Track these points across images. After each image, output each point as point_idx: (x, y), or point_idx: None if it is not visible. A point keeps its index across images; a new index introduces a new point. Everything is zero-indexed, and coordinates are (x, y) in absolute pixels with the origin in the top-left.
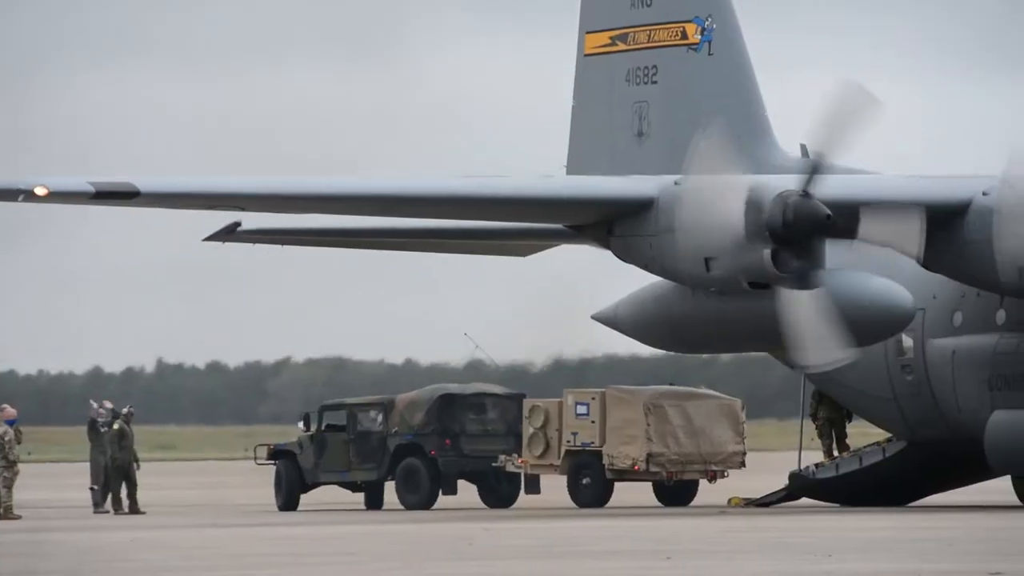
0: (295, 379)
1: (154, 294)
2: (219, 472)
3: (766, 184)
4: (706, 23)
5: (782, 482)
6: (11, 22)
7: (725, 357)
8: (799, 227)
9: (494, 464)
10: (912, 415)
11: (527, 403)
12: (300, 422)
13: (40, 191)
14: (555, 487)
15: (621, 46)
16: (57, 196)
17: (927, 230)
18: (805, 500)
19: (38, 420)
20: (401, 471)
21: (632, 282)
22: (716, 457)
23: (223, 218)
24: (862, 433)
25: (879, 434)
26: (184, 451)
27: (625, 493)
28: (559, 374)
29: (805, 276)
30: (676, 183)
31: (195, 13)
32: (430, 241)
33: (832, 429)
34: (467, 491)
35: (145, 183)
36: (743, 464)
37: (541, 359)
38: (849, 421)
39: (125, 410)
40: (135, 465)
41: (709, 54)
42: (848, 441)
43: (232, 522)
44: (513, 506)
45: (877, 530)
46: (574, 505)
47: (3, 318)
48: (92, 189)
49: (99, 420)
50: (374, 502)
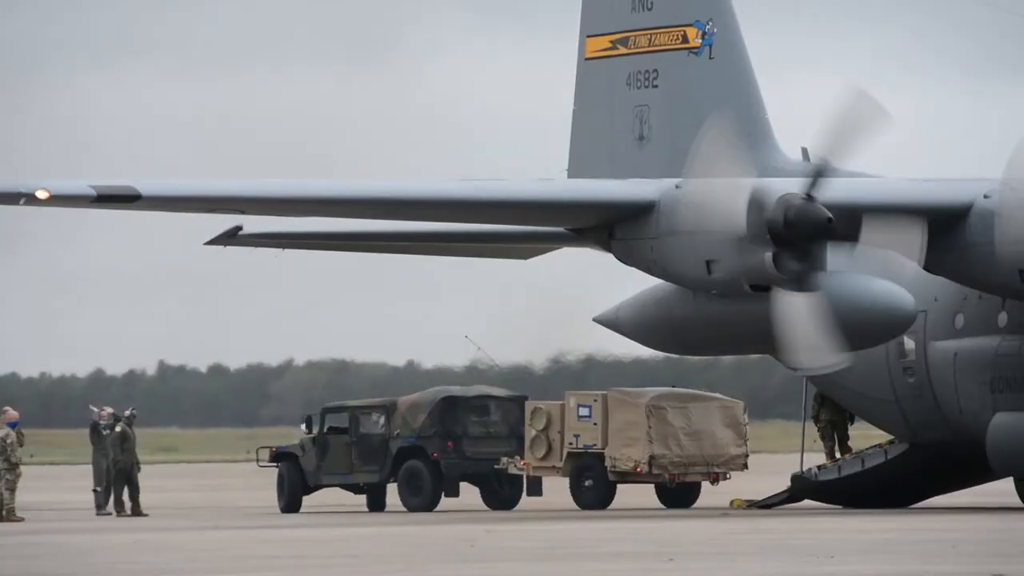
0: (297, 382)
1: (156, 297)
2: (221, 474)
3: (768, 187)
4: (707, 27)
5: (784, 484)
6: (10, 23)
7: (727, 359)
8: (800, 230)
9: (496, 466)
10: (914, 417)
11: (529, 405)
12: (302, 424)
13: (41, 195)
14: (557, 489)
15: (622, 50)
16: (58, 200)
17: (928, 233)
18: (807, 502)
19: (40, 422)
20: (403, 473)
21: (633, 285)
22: (718, 459)
23: (225, 221)
24: (864, 435)
25: (881, 436)
26: (186, 453)
27: (627, 495)
28: (561, 376)
29: (803, 279)
30: (677, 186)
31: (195, 15)
32: (431, 244)
33: (834, 431)
34: (469, 493)
35: (146, 186)
36: (745, 466)
37: (543, 361)
38: (851, 423)
39: (127, 413)
40: (137, 467)
41: (710, 58)
42: (850, 443)
43: (234, 524)
44: (515, 508)
45: (879, 532)
46: (576, 507)
47: (5, 321)
48: (93, 192)
49: (101, 423)
50: (376, 504)
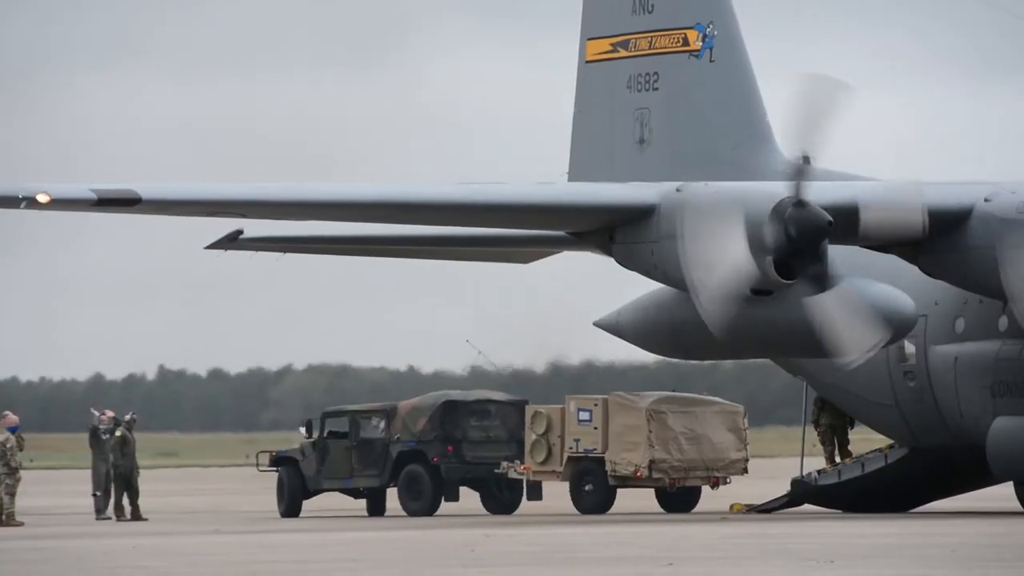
0: (297, 386)
1: (156, 301)
2: (221, 479)
3: (767, 191)
4: (707, 30)
5: (784, 488)
6: (10, 25)
7: (727, 364)
8: (802, 234)
9: (496, 471)
10: (914, 421)
11: (529, 410)
12: (302, 429)
13: (42, 198)
14: (557, 494)
15: (622, 53)
16: (59, 203)
17: (928, 235)
18: (807, 506)
19: (40, 427)
20: (403, 478)
21: (634, 289)
22: (718, 463)
23: (225, 225)
24: (864, 439)
25: (881, 440)
26: (186, 458)
27: (627, 499)
28: (561, 380)
29: (818, 278)
30: (678, 190)
31: (195, 18)
32: (432, 248)
33: (834, 435)
34: (469, 498)
35: (147, 190)
36: (745, 470)
37: (543, 365)
38: (851, 427)
39: (127, 417)
40: (135, 472)
41: (710, 61)
42: (850, 447)
43: (234, 529)
44: (515, 513)
45: (879, 536)
46: (576, 512)
47: (5, 325)
48: (94, 196)
49: (101, 427)
50: (376, 509)
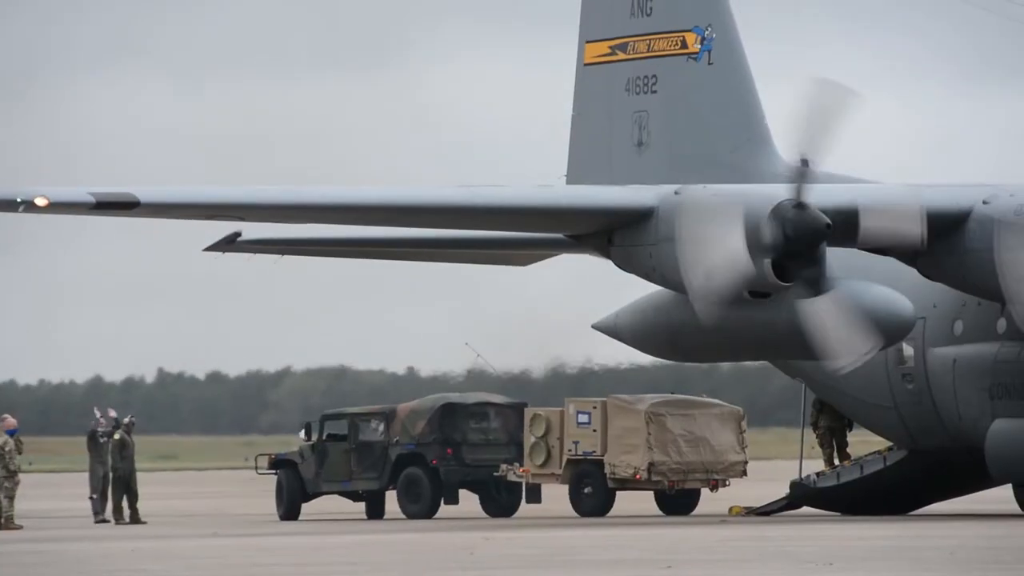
0: (296, 389)
1: (154, 304)
2: (220, 482)
3: (766, 193)
4: (706, 32)
5: (783, 491)
6: (9, 28)
7: (726, 366)
8: (800, 237)
9: (495, 473)
10: (913, 424)
11: (528, 412)
12: (301, 431)
13: (40, 201)
14: (556, 496)
15: (621, 55)
16: (57, 207)
17: (928, 239)
18: (806, 509)
19: (39, 430)
20: (402, 480)
21: (632, 291)
22: (718, 466)
23: (223, 228)
24: (863, 442)
25: (880, 443)
26: (185, 461)
27: (627, 502)
28: (560, 383)
29: (815, 282)
30: (676, 192)
31: (195, 21)
32: (430, 251)
33: (833, 438)
34: (469, 500)
35: (145, 193)
36: (744, 473)
37: (542, 368)
38: (850, 430)
39: (126, 420)
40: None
41: (709, 63)
42: (849, 450)
43: (233, 532)
44: (514, 515)
45: (878, 539)
46: (575, 514)
47: (3, 328)
48: (92, 199)
49: (99, 430)
50: (375, 511)
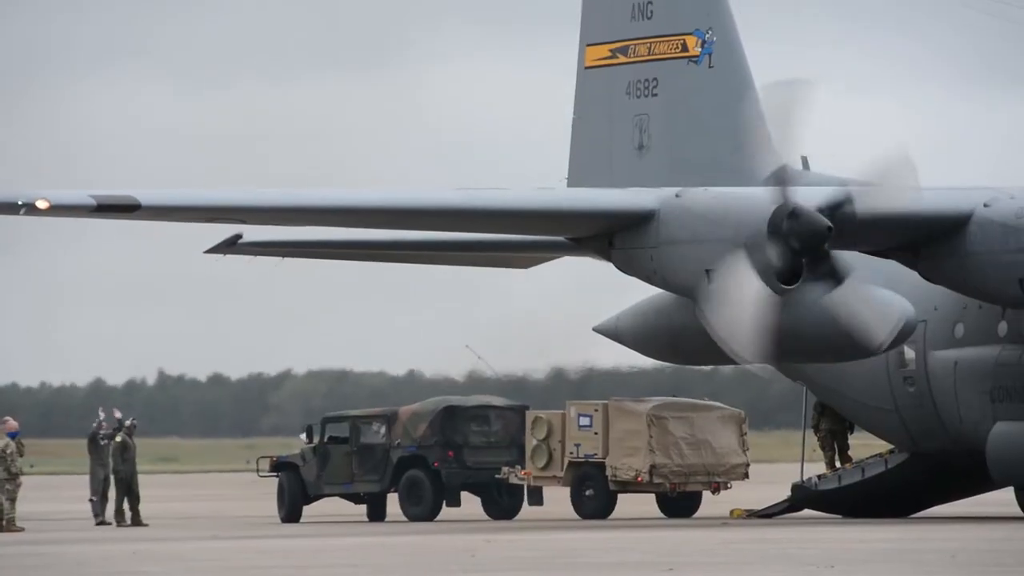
0: (297, 391)
1: (155, 306)
2: (221, 484)
3: (767, 196)
4: (706, 35)
5: (784, 493)
6: (8, 28)
7: (727, 369)
8: (801, 239)
9: (497, 476)
10: (914, 426)
11: (530, 415)
12: (302, 434)
13: (41, 204)
14: (558, 499)
15: (621, 59)
16: (58, 209)
17: (927, 242)
18: (807, 511)
19: (40, 433)
20: (404, 483)
21: (633, 294)
22: (719, 468)
23: (224, 230)
24: (864, 444)
25: (881, 445)
26: (186, 463)
27: (628, 505)
28: (561, 386)
29: (818, 283)
30: (677, 195)
31: (195, 21)
32: (432, 253)
33: (834, 440)
34: (470, 503)
35: (146, 196)
36: (746, 475)
37: (543, 371)
38: (851, 432)
39: (128, 422)
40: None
41: (710, 66)
42: (850, 452)
43: (234, 534)
44: (516, 518)
45: (879, 541)
46: (577, 517)
47: (5, 330)
48: (93, 202)
49: (100, 433)
50: (377, 514)
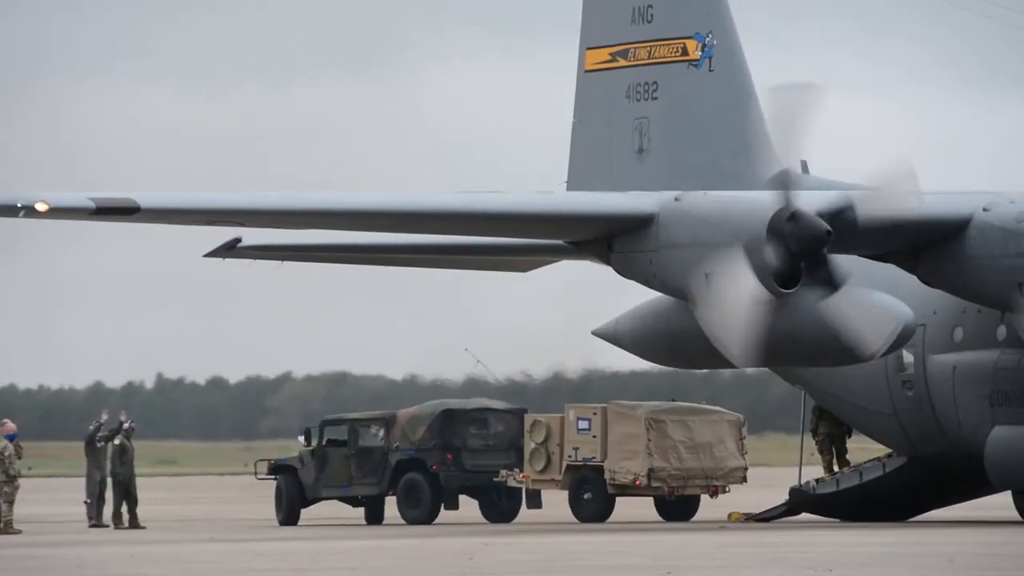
0: (295, 394)
1: (154, 309)
2: (219, 487)
3: (766, 199)
4: (707, 39)
5: (782, 497)
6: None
7: (725, 372)
8: (800, 243)
9: (495, 479)
10: (913, 430)
11: (528, 418)
12: (301, 437)
13: (41, 207)
14: (556, 502)
15: (621, 62)
16: (58, 212)
17: (927, 247)
18: (805, 515)
19: (38, 435)
20: (403, 486)
21: (632, 298)
22: (717, 472)
23: (224, 233)
24: (862, 448)
25: (879, 449)
26: (184, 466)
27: (626, 508)
28: (560, 389)
29: (818, 287)
30: (677, 199)
31: (195, 22)
32: (431, 257)
33: (832, 444)
34: (468, 506)
35: (146, 199)
36: (744, 479)
37: (542, 374)
38: (849, 436)
39: (126, 425)
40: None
41: (710, 70)
42: (848, 456)
43: (232, 537)
44: (514, 521)
45: (877, 545)
46: (575, 520)
47: (3, 332)
48: (93, 205)
49: (98, 435)
50: (375, 517)
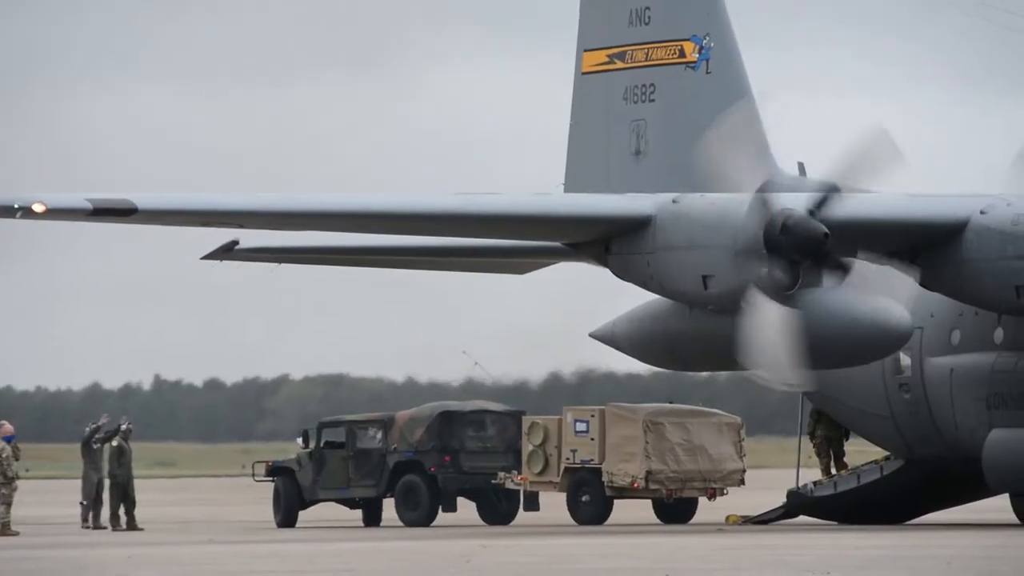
0: (293, 396)
1: (152, 311)
2: (217, 489)
3: (767, 200)
4: (704, 41)
5: (780, 500)
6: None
7: (723, 375)
8: (797, 245)
9: (493, 481)
10: (910, 433)
11: (526, 420)
12: (299, 439)
13: (38, 208)
14: (554, 504)
15: (619, 64)
16: (55, 213)
17: (924, 249)
18: (803, 518)
19: (36, 437)
20: (400, 488)
21: (630, 300)
22: (715, 475)
23: (221, 235)
24: (860, 451)
25: (877, 452)
26: (182, 468)
27: (624, 510)
28: (558, 391)
29: (789, 292)
30: (674, 201)
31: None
32: (428, 259)
33: (830, 447)
34: (466, 508)
35: (143, 200)
36: (742, 482)
37: (540, 376)
38: (847, 439)
39: (124, 427)
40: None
41: (707, 72)
42: (846, 459)
43: (230, 539)
44: (512, 523)
45: (875, 548)
46: (573, 522)
47: (1, 334)
48: (90, 206)
49: (96, 436)
50: (373, 519)
